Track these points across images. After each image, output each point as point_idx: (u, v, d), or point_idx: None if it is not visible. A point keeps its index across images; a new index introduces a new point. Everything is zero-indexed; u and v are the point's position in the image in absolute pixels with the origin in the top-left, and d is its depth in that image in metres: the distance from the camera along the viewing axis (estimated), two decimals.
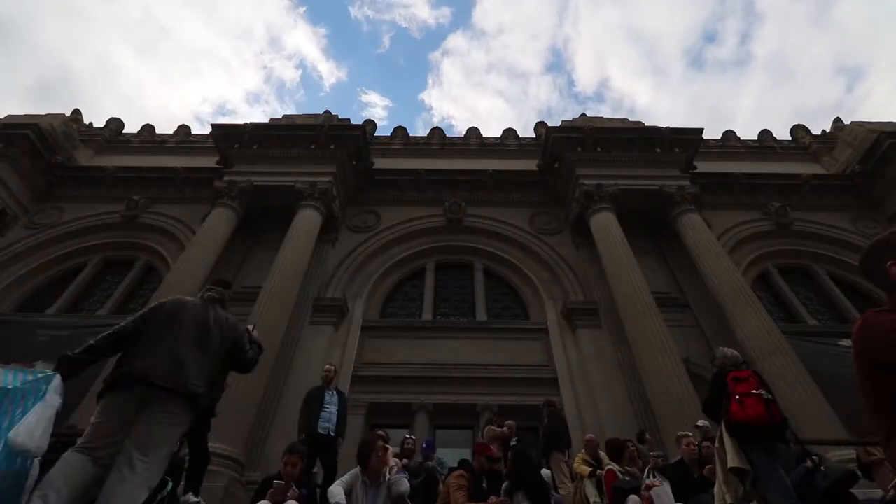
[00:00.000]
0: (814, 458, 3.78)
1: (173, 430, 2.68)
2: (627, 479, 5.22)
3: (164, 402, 2.61)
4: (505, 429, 7.00)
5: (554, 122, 16.03)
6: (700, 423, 7.17)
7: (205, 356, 2.84)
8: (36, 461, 5.23)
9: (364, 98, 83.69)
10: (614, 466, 5.46)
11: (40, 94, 62.30)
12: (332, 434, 5.90)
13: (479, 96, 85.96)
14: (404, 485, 3.98)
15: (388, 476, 4.00)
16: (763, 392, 3.64)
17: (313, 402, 6.05)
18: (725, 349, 4.43)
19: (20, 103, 59.72)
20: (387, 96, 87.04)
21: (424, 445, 6.99)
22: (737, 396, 3.62)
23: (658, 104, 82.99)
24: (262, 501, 4.13)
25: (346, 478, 4.10)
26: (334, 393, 6.32)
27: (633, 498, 4.90)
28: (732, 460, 3.56)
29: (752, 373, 3.91)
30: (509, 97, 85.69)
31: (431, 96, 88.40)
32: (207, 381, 2.84)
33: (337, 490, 3.87)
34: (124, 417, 2.59)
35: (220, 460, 6.87)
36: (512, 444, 6.77)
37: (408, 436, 7.11)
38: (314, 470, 5.86)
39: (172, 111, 78.02)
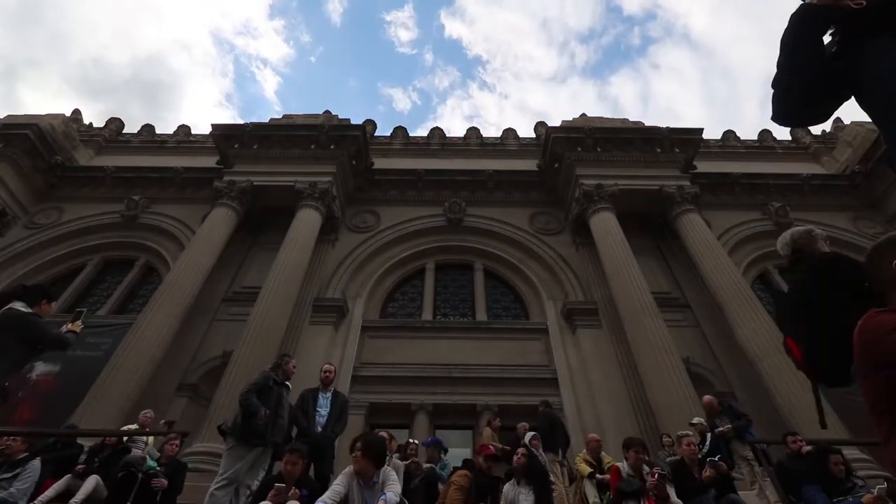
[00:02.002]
0: None
1: None
2: (633, 479, 5.20)
3: None
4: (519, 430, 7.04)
5: (592, 45, 15.92)
6: (695, 420, 7.18)
7: None
8: (37, 461, 5.23)
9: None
10: (620, 464, 5.46)
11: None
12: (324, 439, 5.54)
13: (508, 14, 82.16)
14: (392, 493, 3.90)
15: (381, 476, 3.98)
16: None
17: (305, 405, 5.80)
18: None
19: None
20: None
21: (430, 440, 7.02)
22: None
23: (719, 27, 79.91)
24: (264, 502, 4.12)
25: (340, 479, 4.10)
26: (329, 395, 5.98)
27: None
28: None
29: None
30: (541, 17, 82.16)
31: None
32: None
33: (329, 494, 3.83)
34: None
35: (216, 459, 6.86)
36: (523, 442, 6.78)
37: (411, 440, 7.09)
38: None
39: (192, 25, 76.42)
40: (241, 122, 14.94)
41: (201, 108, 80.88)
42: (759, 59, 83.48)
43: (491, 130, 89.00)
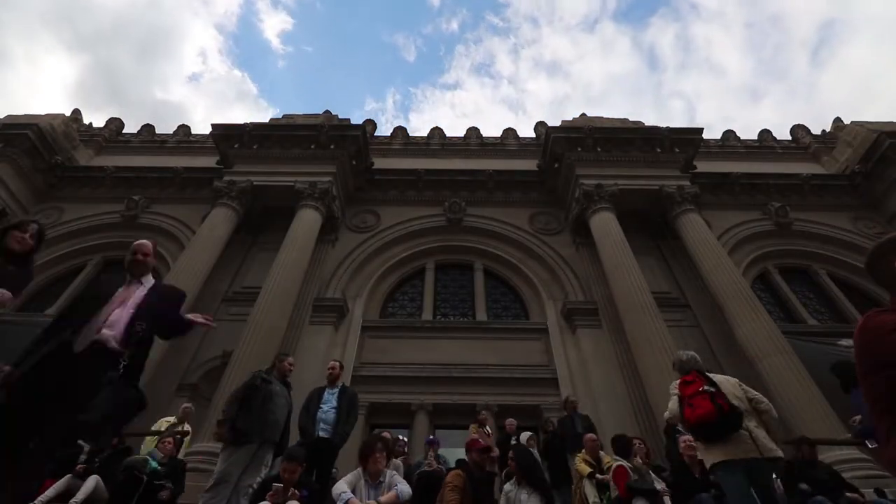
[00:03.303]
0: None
1: None
2: (637, 478, 5.21)
3: None
4: (510, 439, 6.98)
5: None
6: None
7: None
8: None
9: None
10: (624, 462, 5.45)
11: None
12: (329, 436, 5.47)
13: None
14: (403, 490, 3.99)
15: (388, 476, 4.03)
16: (705, 387, 3.72)
17: (309, 404, 5.80)
18: (680, 353, 4.54)
19: None
20: None
21: (431, 437, 7.02)
22: (686, 400, 3.75)
23: None
24: (263, 502, 4.13)
25: (348, 477, 4.14)
26: (336, 391, 5.93)
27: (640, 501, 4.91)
28: (708, 459, 3.69)
29: (696, 372, 4.01)
30: None
31: None
32: None
33: (342, 485, 3.92)
34: None
35: (215, 459, 6.86)
36: (513, 442, 6.78)
37: (400, 437, 7.10)
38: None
39: None
40: (241, 73, 14.94)
41: (199, 57, 79.28)
42: (812, 3, 77.10)
43: (491, 128, 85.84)
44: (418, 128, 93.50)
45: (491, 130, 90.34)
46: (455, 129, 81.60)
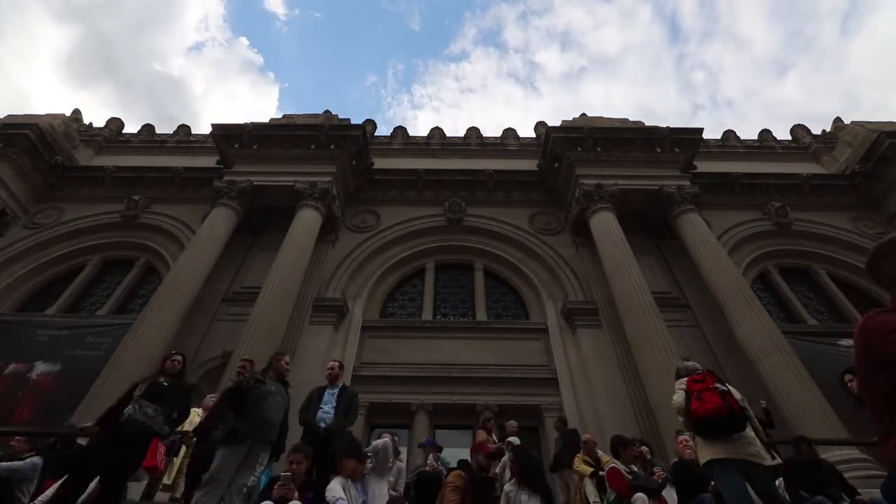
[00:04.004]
0: None
1: None
2: (631, 477, 5.22)
3: None
4: (506, 439, 6.99)
5: None
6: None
7: None
8: (38, 459, 5.30)
9: None
10: (618, 464, 5.45)
11: None
12: (327, 435, 5.40)
13: None
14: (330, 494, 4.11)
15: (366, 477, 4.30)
16: (718, 385, 3.82)
17: (309, 404, 5.78)
18: (685, 362, 4.70)
19: None
20: None
21: (425, 441, 7.01)
22: (695, 394, 3.82)
23: None
24: (266, 501, 4.13)
25: (335, 485, 4.21)
26: (336, 391, 5.89)
27: (640, 496, 4.91)
28: (705, 455, 3.71)
29: (707, 371, 4.13)
30: None
31: None
32: None
33: (335, 487, 3.97)
34: None
35: None
36: (515, 443, 6.78)
37: (397, 437, 7.09)
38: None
39: None
40: (244, 40, 14.94)
41: (201, 24, 76.90)
42: None
43: (498, 102, 78.83)
44: (422, 103, 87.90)
45: (498, 105, 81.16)
46: (455, 127, 79.76)
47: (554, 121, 15.66)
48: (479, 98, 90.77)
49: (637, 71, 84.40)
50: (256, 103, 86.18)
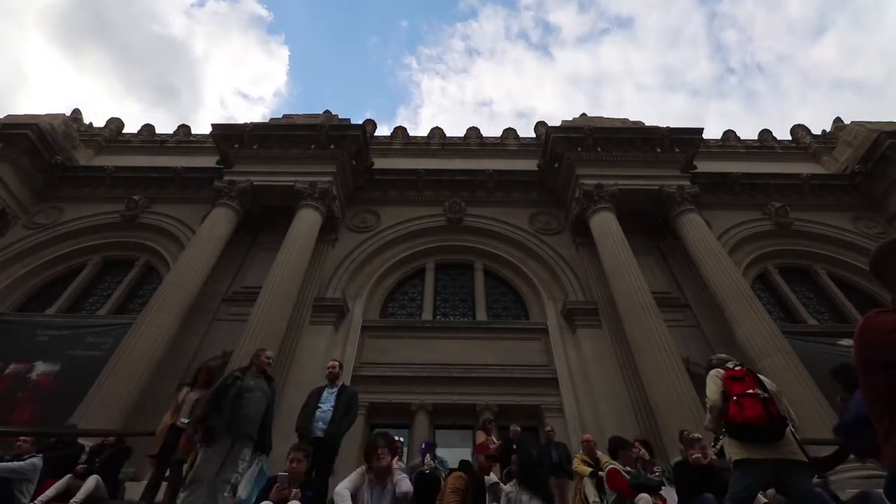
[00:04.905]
0: None
1: None
2: (629, 478, 5.23)
3: None
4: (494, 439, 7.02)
5: None
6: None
7: None
8: (38, 459, 5.35)
9: None
10: (617, 465, 5.46)
11: None
12: (324, 435, 5.37)
13: None
14: (406, 484, 4.00)
15: (394, 476, 4.04)
16: (759, 391, 3.61)
17: (308, 403, 5.77)
18: (716, 356, 4.51)
19: None
20: None
21: (423, 446, 6.98)
22: (734, 398, 3.59)
23: None
24: (265, 502, 4.13)
25: (352, 476, 4.13)
26: (335, 390, 5.85)
27: (643, 496, 4.92)
28: (738, 454, 3.54)
29: (748, 371, 3.89)
30: None
31: None
32: None
33: (343, 491, 3.89)
34: None
35: None
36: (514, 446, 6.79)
37: (397, 438, 7.08)
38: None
39: None
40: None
41: None
42: None
43: (508, 64, 74.22)
44: (428, 68, 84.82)
45: (507, 70, 78.00)
46: (456, 125, 79.01)
47: (569, 89, 15.48)
48: (487, 63, 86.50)
49: (660, 33, 78.17)
50: (263, 67, 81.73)
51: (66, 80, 70.41)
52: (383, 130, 17.69)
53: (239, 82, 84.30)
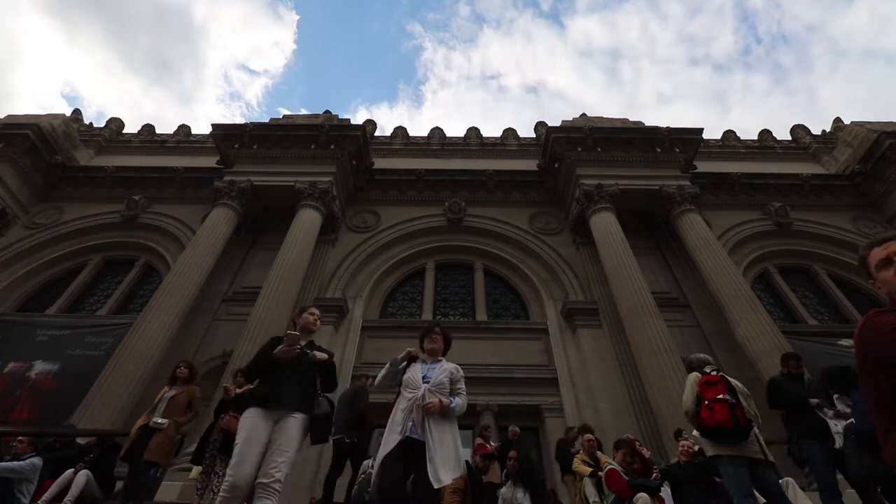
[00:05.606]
0: None
1: None
2: (627, 478, 5.25)
3: None
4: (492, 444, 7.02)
5: None
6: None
7: None
8: (38, 459, 5.33)
9: None
10: (616, 465, 5.47)
11: None
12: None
13: None
14: (461, 399, 3.81)
15: (451, 369, 4.00)
16: (728, 397, 3.99)
17: None
18: (696, 354, 4.85)
19: None
20: None
21: None
22: (706, 402, 4.00)
23: None
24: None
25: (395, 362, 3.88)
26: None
27: (642, 496, 4.93)
28: (711, 451, 4.04)
29: (721, 377, 4.24)
30: None
31: None
32: None
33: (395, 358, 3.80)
34: None
35: None
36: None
37: None
38: None
39: None
40: None
41: None
42: None
43: (516, 33, 72.39)
44: (435, 37, 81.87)
45: (515, 40, 75.17)
46: (456, 125, 78.23)
47: (582, 61, 15.27)
48: (494, 32, 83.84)
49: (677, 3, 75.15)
50: (269, 32, 78.42)
51: (64, 59, 69.18)
52: (383, 118, 17.66)
53: (243, 54, 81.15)
